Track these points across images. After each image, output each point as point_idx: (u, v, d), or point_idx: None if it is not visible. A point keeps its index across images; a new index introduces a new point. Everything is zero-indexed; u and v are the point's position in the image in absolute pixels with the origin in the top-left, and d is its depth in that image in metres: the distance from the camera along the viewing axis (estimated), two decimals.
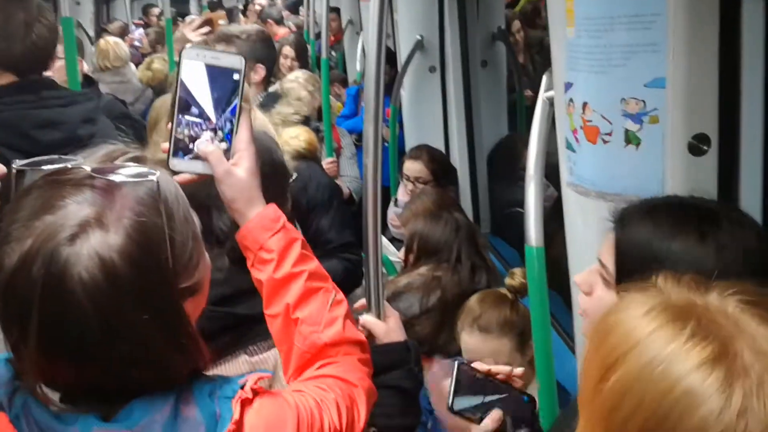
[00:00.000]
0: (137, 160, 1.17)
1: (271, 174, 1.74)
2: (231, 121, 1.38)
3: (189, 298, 1.15)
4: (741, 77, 1.65)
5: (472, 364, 1.65)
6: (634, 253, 1.34)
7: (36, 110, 2.47)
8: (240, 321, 1.74)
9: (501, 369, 1.63)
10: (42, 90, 2.51)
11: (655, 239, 1.32)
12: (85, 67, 5.07)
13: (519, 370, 1.65)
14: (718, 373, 0.82)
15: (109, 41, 5.95)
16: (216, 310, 1.56)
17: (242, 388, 1.15)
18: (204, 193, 1.61)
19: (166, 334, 1.08)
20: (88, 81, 4.64)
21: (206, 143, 1.37)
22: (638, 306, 0.91)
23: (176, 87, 1.38)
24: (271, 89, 3.83)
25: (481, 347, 2.29)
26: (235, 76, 1.39)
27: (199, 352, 1.14)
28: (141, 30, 8.76)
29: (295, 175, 2.61)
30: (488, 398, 1.62)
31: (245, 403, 1.14)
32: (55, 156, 1.11)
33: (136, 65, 6.47)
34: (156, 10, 9.70)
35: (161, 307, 1.08)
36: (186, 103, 1.37)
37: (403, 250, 3.03)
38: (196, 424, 1.09)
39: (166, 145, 1.41)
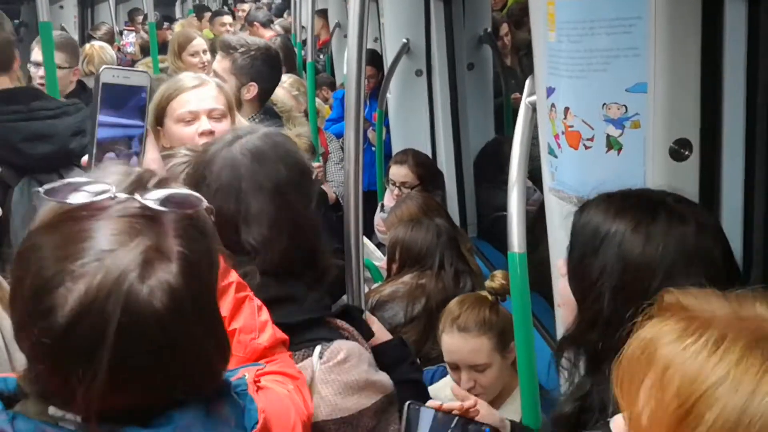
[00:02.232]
0: (163, 183, 1.13)
1: (297, 179, 1.70)
2: (140, 140, 1.37)
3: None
4: (723, 82, 1.65)
5: (427, 404, 1.63)
6: (584, 234, 1.47)
7: (25, 122, 2.46)
8: None
9: (452, 405, 1.62)
10: (31, 100, 2.50)
11: (601, 223, 1.44)
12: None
13: (469, 402, 1.63)
14: None
15: (95, 46, 5.89)
16: None
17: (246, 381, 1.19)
18: (232, 209, 1.59)
19: (215, 344, 1.11)
20: (82, 86, 4.62)
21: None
22: (691, 336, 0.87)
23: (95, 111, 1.36)
24: None
25: (461, 347, 2.29)
26: (143, 95, 1.38)
27: (230, 351, 1.16)
28: (133, 34, 8.69)
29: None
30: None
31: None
32: (83, 180, 1.07)
33: None
34: (141, 17, 9.64)
35: (212, 320, 1.11)
36: (105, 125, 1.35)
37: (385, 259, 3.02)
38: (228, 419, 1.11)
39: (85, 159, 1.40)
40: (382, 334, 1.93)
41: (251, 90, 3.43)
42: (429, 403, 1.62)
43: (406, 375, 1.81)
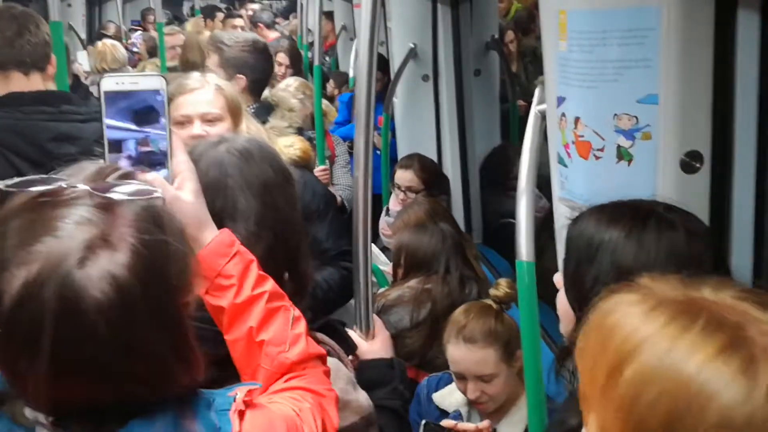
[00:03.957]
0: (127, 176, 1.14)
1: (282, 182, 1.71)
2: (164, 145, 1.34)
3: (186, 313, 1.14)
4: (734, 94, 1.65)
5: (442, 422, 1.63)
6: (578, 244, 1.47)
7: (54, 123, 2.48)
8: None
9: (467, 426, 1.61)
10: (62, 103, 2.52)
11: (594, 232, 1.45)
12: (76, 69, 5.10)
13: (484, 424, 1.62)
14: (740, 357, 0.83)
15: (107, 43, 6.05)
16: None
17: (234, 400, 1.15)
18: (218, 206, 1.58)
19: (173, 347, 1.08)
20: (77, 82, 4.67)
21: (142, 173, 1.28)
22: (638, 303, 0.93)
23: (102, 123, 1.33)
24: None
25: (467, 358, 2.28)
26: (159, 97, 1.35)
27: (199, 364, 1.14)
28: (139, 33, 8.75)
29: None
30: None
31: (240, 415, 1.14)
32: (43, 176, 1.08)
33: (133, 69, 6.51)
34: (153, 17, 9.68)
35: (168, 321, 1.08)
36: (116, 137, 1.33)
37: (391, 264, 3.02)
38: None
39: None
40: (381, 348, 1.91)
41: (240, 82, 3.46)
42: (444, 422, 1.61)
43: (383, 401, 1.77)
